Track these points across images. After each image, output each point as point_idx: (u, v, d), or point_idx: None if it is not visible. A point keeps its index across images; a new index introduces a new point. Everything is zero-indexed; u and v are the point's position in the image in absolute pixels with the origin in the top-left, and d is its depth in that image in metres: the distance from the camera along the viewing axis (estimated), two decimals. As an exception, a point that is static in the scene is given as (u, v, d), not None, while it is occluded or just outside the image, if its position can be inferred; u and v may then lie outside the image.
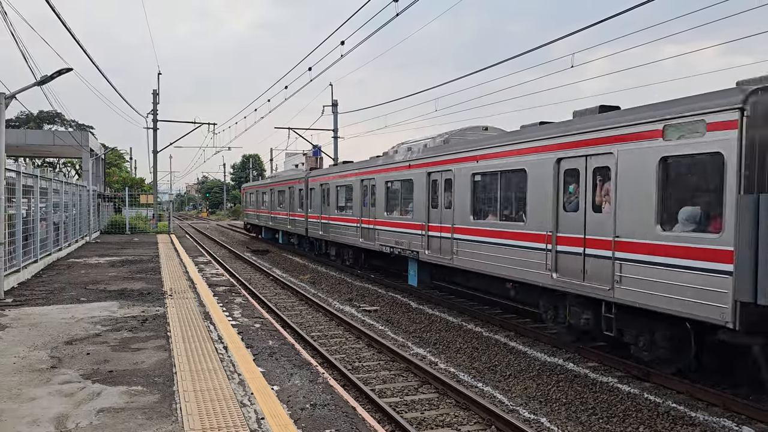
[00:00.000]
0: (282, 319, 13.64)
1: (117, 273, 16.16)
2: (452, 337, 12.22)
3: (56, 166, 62.88)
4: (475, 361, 10.73)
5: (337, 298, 17.49)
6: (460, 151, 13.67)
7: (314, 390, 6.93)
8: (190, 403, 5.83)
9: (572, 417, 8.08)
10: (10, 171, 13.67)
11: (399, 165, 16.90)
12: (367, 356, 10.97)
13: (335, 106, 35.58)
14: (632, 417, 7.83)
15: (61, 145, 31.43)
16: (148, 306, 11.18)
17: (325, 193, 23.73)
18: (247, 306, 12.51)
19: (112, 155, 61.26)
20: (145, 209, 41.34)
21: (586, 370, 9.59)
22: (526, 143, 11.26)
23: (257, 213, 38.59)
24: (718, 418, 7.58)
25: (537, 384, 9.32)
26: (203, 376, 6.75)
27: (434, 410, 8.18)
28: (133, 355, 7.62)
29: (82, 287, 13.61)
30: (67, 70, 13.06)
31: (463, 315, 13.95)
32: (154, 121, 37.22)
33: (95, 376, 6.65)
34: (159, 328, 9.29)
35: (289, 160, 68.34)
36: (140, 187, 55.61)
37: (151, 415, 5.49)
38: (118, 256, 20.98)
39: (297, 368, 7.80)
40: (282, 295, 17.93)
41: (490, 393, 9.03)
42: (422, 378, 9.50)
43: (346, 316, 14.21)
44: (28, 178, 15.52)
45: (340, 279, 20.58)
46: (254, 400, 6.05)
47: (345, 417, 6.04)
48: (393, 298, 16.53)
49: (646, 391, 8.52)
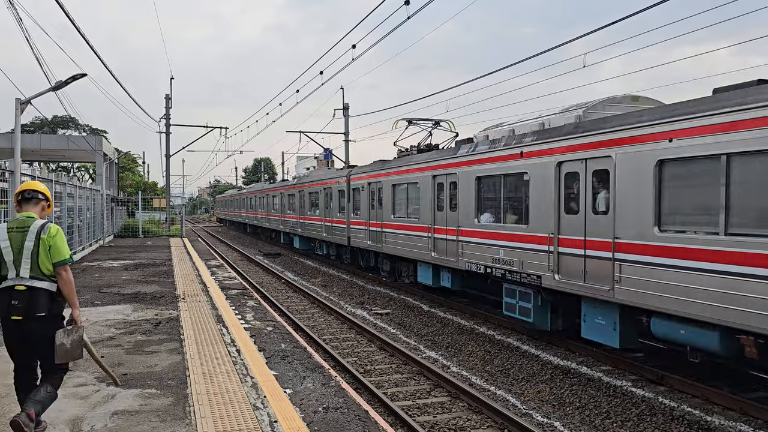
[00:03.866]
0: (294, 322, 13.67)
1: (130, 276, 16.26)
2: (464, 341, 12.18)
3: (70, 170, 63.50)
4: (487, 365, 10.68)
5: (348, 301, 17.50)
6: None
7: (327, 393, 6.93)
8: (204, 405, 5.86)
9: (586, 421, 8.02)
10: (26, 175, 13.81)
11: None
12: (379, 359, 10.97)
13: (346, 110, 35.65)
14: (646, 421, 7.76)
15: (75, 150, 31.66)
16: (161, 309, 11.24)
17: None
18: (259, 309, 12.55)
19: (126, 159, 61.70)
20: (158, 213, 41.60)
21: (599, 373, 9.52)
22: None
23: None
24: (735, 422, 7.49)
25: (550, 387, 9.27)
26: (216, 379, 6.78)
27: (447, 414, 8.16)
28: (146, 358, 7.66)
29: (96, 290, 13.71)
30: (82, 75, 13.21)
31: (475, 318, 13.90)
32: (166, 125, 37.49)
33: (109, 379, 6.68)
34: (172, 331, 9.34)
35: (301, 163, 68.53)
36: (153, 190, 55.99)
37: (164, 417, 5.52)
38: (131, 259, 21.12)
39: (309, 371, 7.81)
40: (294, 298, 17.97)
41: (503, 396, 8.99)
42: (434, 381, 9.48)
43: (358, 320, 14.21)
44: (43, 183, 15.66)
45: (352, 282, 20.59)
46: (267, 403, 6.06)
47: (358, 420, 6.04)
48: (405, 301, 16.51)
49: (661, 395, 8.44)
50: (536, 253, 10.95)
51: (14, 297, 4.66)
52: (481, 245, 12.93)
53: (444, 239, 14.65)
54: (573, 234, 10.13)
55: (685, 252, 8.00)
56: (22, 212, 4.98)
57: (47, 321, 4.74)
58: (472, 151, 13.37)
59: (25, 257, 4.72)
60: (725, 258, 7.45)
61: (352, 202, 21.72)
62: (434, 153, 15.84)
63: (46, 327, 4.73)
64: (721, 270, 7.49)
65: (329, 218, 24.38)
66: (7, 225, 4.86)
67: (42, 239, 4.76)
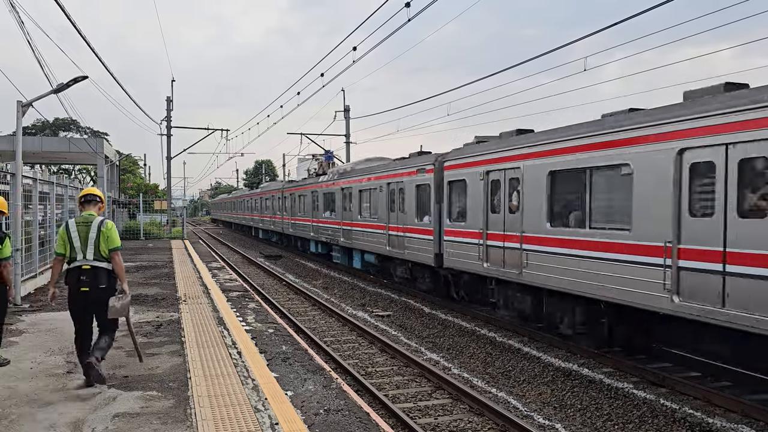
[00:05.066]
0: (295, 324, 13.67)
1: (132, 278, 16.27)
2: (466, 343, 12.17)
3: (72, 172, 63.56)
4: (488, 367, 10.67)
5: (349, 303, 17.49)
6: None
7: (328, 395, 6.94)
8: (205, 408, 5.85)
9: (587, 423, 8.01)
10: (27, 178, 13.83)
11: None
12: (380, 361, 10.96)
13: (347, 112, 35.67)
14: (648, 423, 7.75)
15: (76, 152, 31.69)
16: (162, 311, 11.24)
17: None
18: (260, 311, 12.55)
19: (127, 162, 61.77)
20: (159, 215, 41.63)
21: (601, 375, 9.50)
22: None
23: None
24: (737, 424, 7.47)
25: (551, 390, 9.26)
26: (217, 381, 6.77)
27: (448, 416, 8.15)
28: (147, 360, 7.66)
29: (97, 293, 13.71)
30: (83, 78, 13.22)
31: (477, 320, 13.88)
32: (167, 127, 37.52)
33: (111, 381, 6.68)
34: (173, 334, 9.33)
35: (302, 165, 68.53)
36: (154, 193, 56.02)
37: (166, 420, 5.52)
38: (132, 261, 21.13)
39: (310, 373, 7.81)
40: (295, 301, 17.97)
41: (504, 399, 8.98)
42: (436, 383, 9.47)
43: (359, 322, 14.20)
44: (44, 185, 15.69)
45: (353, 284, 20.58)
46: (268, 405, 6.06)
47: (359, 422, 6.04)
48: (406, 303, 16.50)
49: (662, 397, 8.42)
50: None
51: (82, 273, 6.44)
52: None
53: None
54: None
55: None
56: (84, 211, 6.76)
57: (105, 290, 6.53)
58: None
59: (90, 244, 6.45)
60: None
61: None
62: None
63: (105, 294, 6.51)
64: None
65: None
66: (75, 220, 6.62)
67: (102, 231, 6.50)
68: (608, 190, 9.97)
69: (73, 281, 6.48)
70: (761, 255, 7.11)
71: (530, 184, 11.38)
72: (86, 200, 6.88)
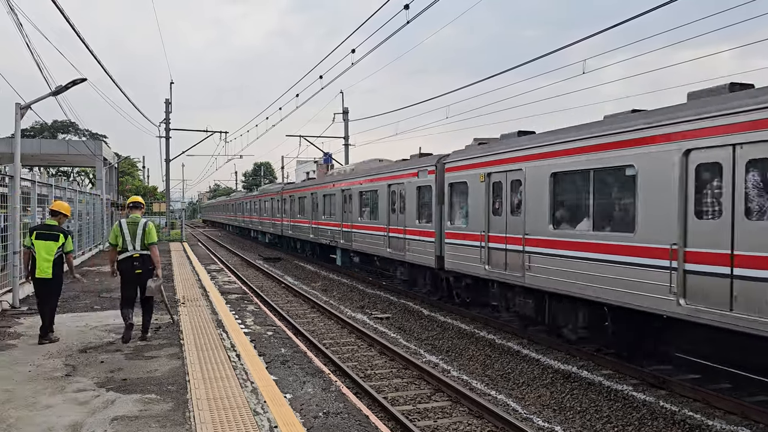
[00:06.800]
0: (294, 326, 13.64)
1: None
2: (465, 345, 12.16)
3: (70, 175, 63.51)
4: (488, 369, 10.66)
5: (348, 305, 17.47)
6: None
7: (327, 398, 6.92)
8: (204, 411, 5.84)
9: (587, 425, 8.00)
10: (25, 180, 13.82)
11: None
12: (379, 364, 10.94)
13: (346, 114, 35.67)
14: (648, 425, 7.74)
15: (75, 155, 31.70)
16: (161, 314, 11.22)
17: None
18: (259, 314, 12.54)
19: (126, 164, 61.77)
20: (158, 217, 41.62)
21: (600, 377, 9.49)
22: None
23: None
24: (736, 426, 7.46)
25: (551, 392, 9.25)
26: (216, 384, 6.76)
27: (447, 418, 8.13)
28: (146, 363, 7.65)
29: (95, 295, 13.70)
30: (81, 80, 13.20)
31: (476, 322, 13.86)
32: (166, 129, 37.50)
33: (109, 384, 6.67)
34: (172, 336, 9.32)
35: (300, 167, 68.57)
36: (153, 195, 56.01)
37: (164, 423, 5.50)
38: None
39: (309, 376, 7.80)
40: (294, 303, 17.94)
41: (504, 401, 8.97)
42: (435, 386, 9.46)
43: (358, 324, 14.18)
44: (43, 187, 15.68)
45: (352, 287, 20.56)
46: (267, 408, 6.04)
47: (358, 425, 6.03)
48: (405, 305, 16.48)
49: (662, 399, 8.41)
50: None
51: (135, 260, 8.85)
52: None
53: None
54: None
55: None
56: (132, 214, 9.11)
57: (149, 272, 8.98)
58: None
59: (137, 238, 8.86)
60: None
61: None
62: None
63: (148, 275, 8.94)
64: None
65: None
66: (126, 221, 8.96)
67: (145, 230, 8.90)
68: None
69: (128, 266, 8.85)
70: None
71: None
72: (134, 206, 9.32)
